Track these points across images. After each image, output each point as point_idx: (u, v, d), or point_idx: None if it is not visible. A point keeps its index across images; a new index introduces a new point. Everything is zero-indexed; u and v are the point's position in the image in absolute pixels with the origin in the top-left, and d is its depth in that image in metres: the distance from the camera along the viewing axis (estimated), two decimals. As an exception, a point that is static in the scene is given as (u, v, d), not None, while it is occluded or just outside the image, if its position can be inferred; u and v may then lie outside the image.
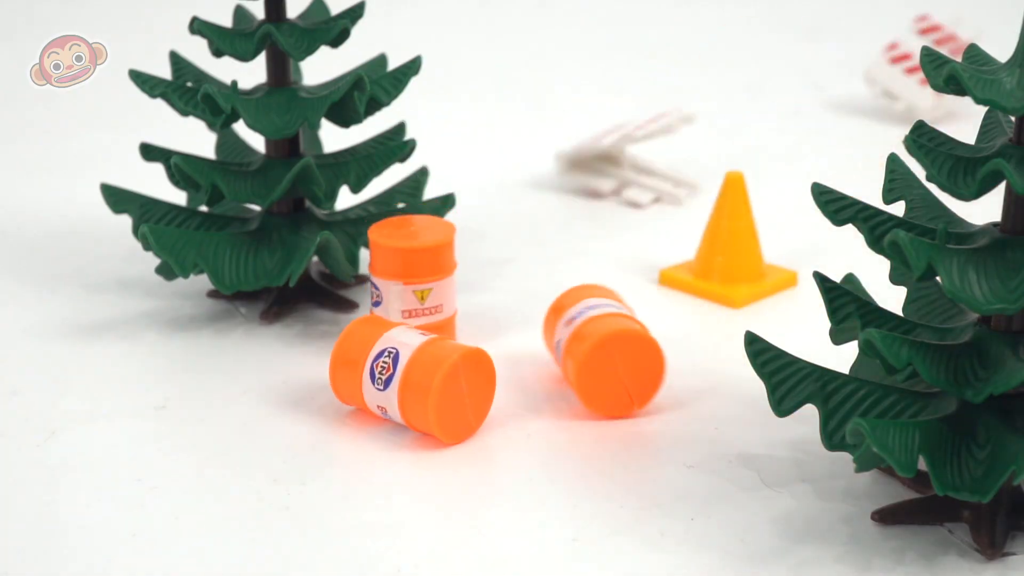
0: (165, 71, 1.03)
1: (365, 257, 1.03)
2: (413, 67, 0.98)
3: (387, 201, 1.05)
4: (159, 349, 0.94)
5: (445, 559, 0.72)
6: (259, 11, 1.00)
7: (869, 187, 0.86)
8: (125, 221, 1.10)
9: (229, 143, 1.07)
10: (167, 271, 0.99)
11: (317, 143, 1.08)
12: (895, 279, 0.80)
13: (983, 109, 0.73)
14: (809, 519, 0.75)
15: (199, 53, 1.03)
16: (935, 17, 1.50)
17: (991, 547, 0.71)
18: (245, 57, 0.94)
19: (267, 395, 0.88)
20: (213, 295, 1.01)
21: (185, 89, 0.95)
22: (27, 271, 1.07)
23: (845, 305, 0.75)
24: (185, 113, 0.95)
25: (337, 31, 0.94)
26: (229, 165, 0.98)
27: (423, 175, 1.07)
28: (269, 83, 0.97)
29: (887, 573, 0.70)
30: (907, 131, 0.72)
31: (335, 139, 1.11)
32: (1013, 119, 0.71)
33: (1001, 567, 0.71)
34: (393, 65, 1.01)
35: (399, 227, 0.93)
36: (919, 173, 0.76)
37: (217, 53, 0.95)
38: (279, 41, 0.93)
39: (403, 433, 0.83)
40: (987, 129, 0.73)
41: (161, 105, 1.00)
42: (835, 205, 0.73)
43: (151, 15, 1.82)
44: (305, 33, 0.95)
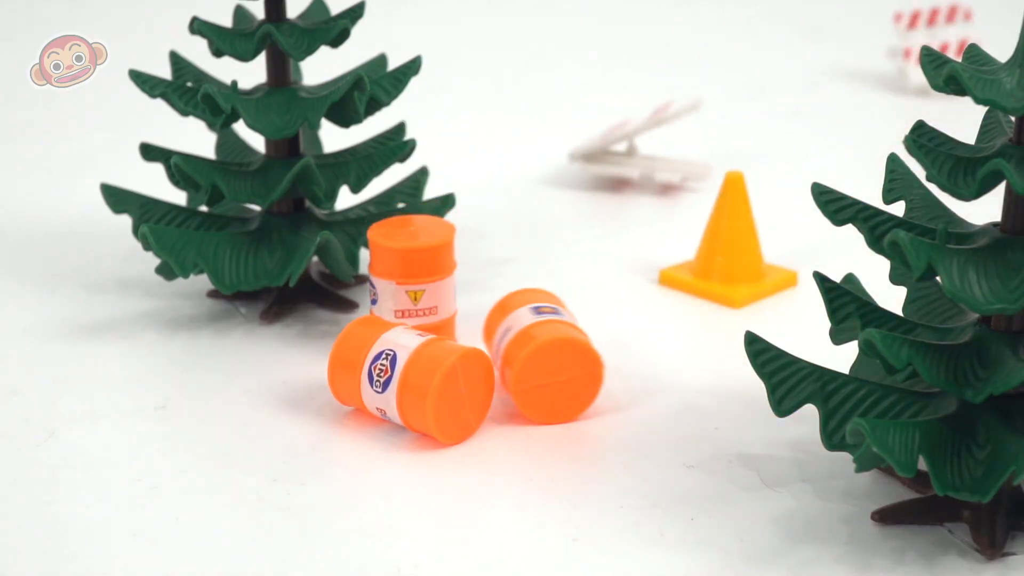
0: (165, 71, 1.03)
1: (365, 257, 1.03)
2: (413, 67, 0.98)
3: (387, 201, 1.05)
4: (159, 349, 0.94)
5: (445, 559, 0.72)
6: (259, 11, 1.00)
7: (869, 187, 0.86)
8: (125, 221, 1.10)
9: (229, 143, 1.07)
10: (167, 271, 0.99)
11: (317, 143, 1.08)
12: (895, 279, 0.80)
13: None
14: (809, 519, 0.75)
15: (199, 53, 1.03)
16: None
17: (991, 547, 0.71)
18: (245, 57, 0.94)
19: (267, 395, 0.88)
20: (213, 295, 1.01)
21: (185, 89, 0.95)
22: (27, 271, 1.07)
23: (845, 305, 0.75)
24: (185, 113, 0.95)
25: (337, 31, 0.94)
26: (229, 165, 0.98)
27: (423, 175, 1.07)
28: (269, 83, 0.97)
29: (887, 573, 0.70)
30: (907, 131, 0.72)
31: (335, 139, 1.11)
32: (1013, 119, 0.71)
33: (1001, 567, 0.71)
34: (393, 65, 1.01)
35: (399, 227, 0.92)
36: (919, 173, 0.76)
37: (217, 53, 0.95)
38: (279, 41, 0.93)
39: (403, 433, 0.83)
40: (987, 129, 0.73)
41: (161, 105, 1.00)
42: (835, 205, 0.73)
43: (151, 15, 1.82)
44: (305, 33, 0.95)
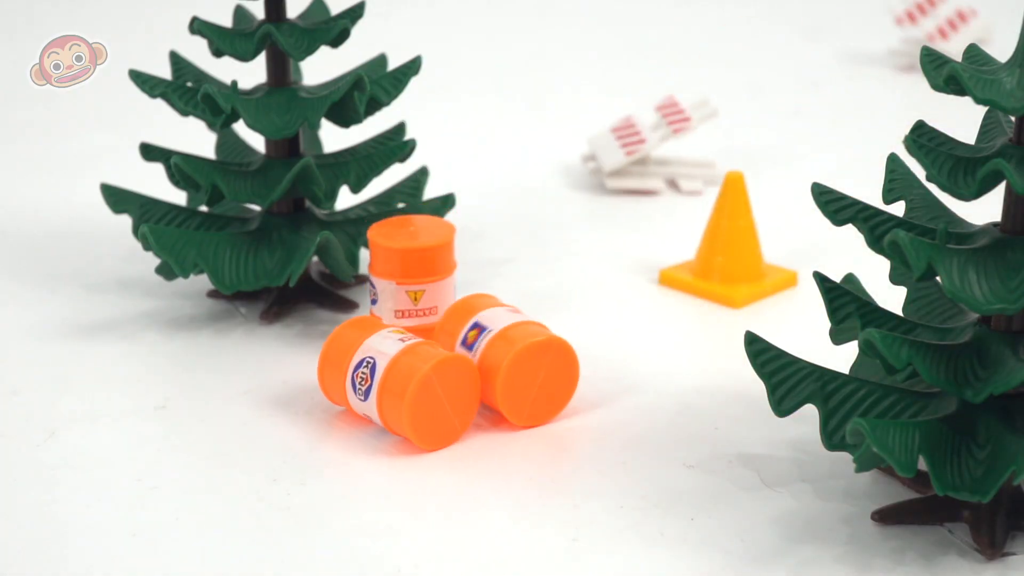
0: (165, 71, 1.03)
1: (365, 257, 1.03)
2: (413, 67, 0.98)
3: (387, 201, 1.05)
4: (159, 349, 0.94)
5: (445, 559, 0.72)
6: (259, 11, 1.00)
7: (869, 187, 0.86)
8: (125, 221, 1.10)
9: (229, 143, 1.07)
10: (167, 271, 0.99)
11: (317, 143, 1.08)
12: (895, 279, 0.80)
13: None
14: (809, 519, 0.75)
15: (199, 53, 1.03)
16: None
17: (991, 547, 0.71)
18: (245, 57, 0.94)
19: (267, 395, 0.88)
20: (213, 295, 1.01)
21: (185, 89, 0.95)
22: (27, 271, 1.07)
23: (845, 305, 0.75)
24: (185, 113, 0.95)
25: (337, 31, 0.94)
26: (229, 165, 0.98)
27: (423, 175, 1.07)
28: (269, 83, 0.97)
29: (887, 573, 0.70)
30: (907, 131, 0.72)
31: (335, 139, 1.11)
32: (1013, 119, 0.71)
33: (1001, 567, 0.71)
34: (393, 65, 1.01)
35: (399, 227, 0.92)
36: (919, 173, 0.76)
37: (217, 53, 0.95)
38: (279, 41, 0.93)
39: (403, 433, 0.83)
40: (987, 129, 0.73)
41: (161, 105, 1.00)
42: (835, 205, 0.73)
43: (151, 15, 1.82)
44: (305, 33, 0.95)
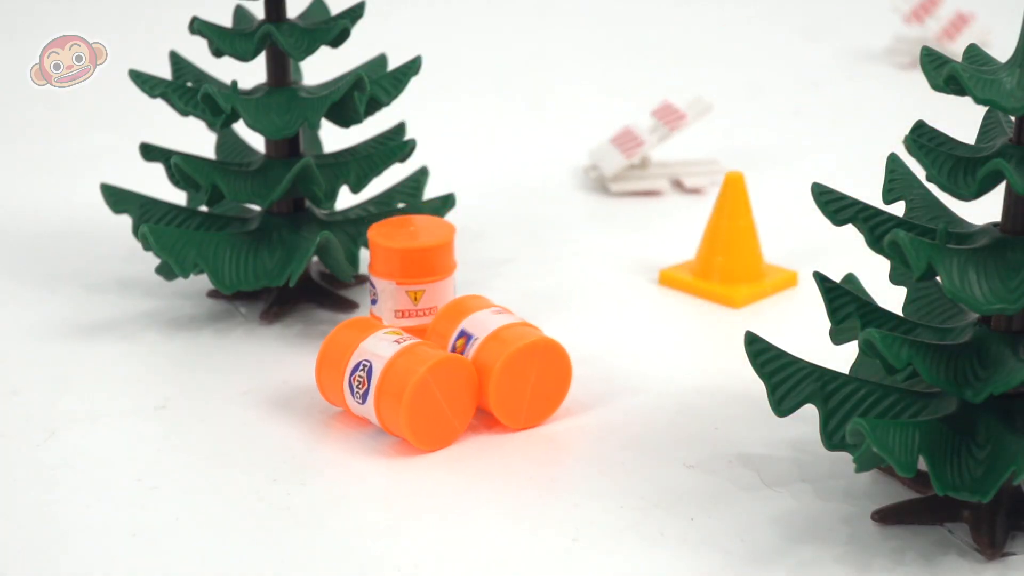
0: (165, 71, 1.03)
1: (365, 257, 1.03)
2: (413, 67, 0.98)
3: (387, 201, 1.05)
4: (159, 349, 0.94)
5: (445, 559, 0.72)
6: (259, 11, 1.00)
7: (869, 187, 0.86)
8: (125, 221, 1.10)
9: (229, 143, 1.07)
10: (167, 271, 0.99)
11: (317, 143, 1.08)
12: (895, 279, 0.80)
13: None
14: (809, 519, 0.75)
15: (199, 53, 1.03)
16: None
17: (991, 547, 0.71)
18: (245, 57, 0.94)
19: (267, 395, 0.88)
20: (213, 295, 1.01)
21: (185, 89, 0.95)
22: (27, 271, 1.07)
23: (845, 305, 0.75)
24: (185, 113, 0.95)
25: (337, 31, 0.94)
26: (229, 165, 0.98)
27: (423, 175, 1.07)
28: (269, 83, 0.97)
29: (887, 573, 0.70)
30: (907, 131, 0.72)
31: (335, 139, 1.11)
32: (1013, 119, 0.71)
33: (1001, 567, 0.71)
34: (393, 65, 1.01)
35: (399, 227, 0.92)
36: (919, 173, 0.76)
37: (217, 53, 0.95)
38: (279, 41, 0.93)
39: (403, 433, 0.83)
40: (987, 129, 0.73)
41: (161, 105, 1.00)
42: (835, 205, 0.73)
43: (151, 15, 1.82)
44: (305, 33, 0.95)
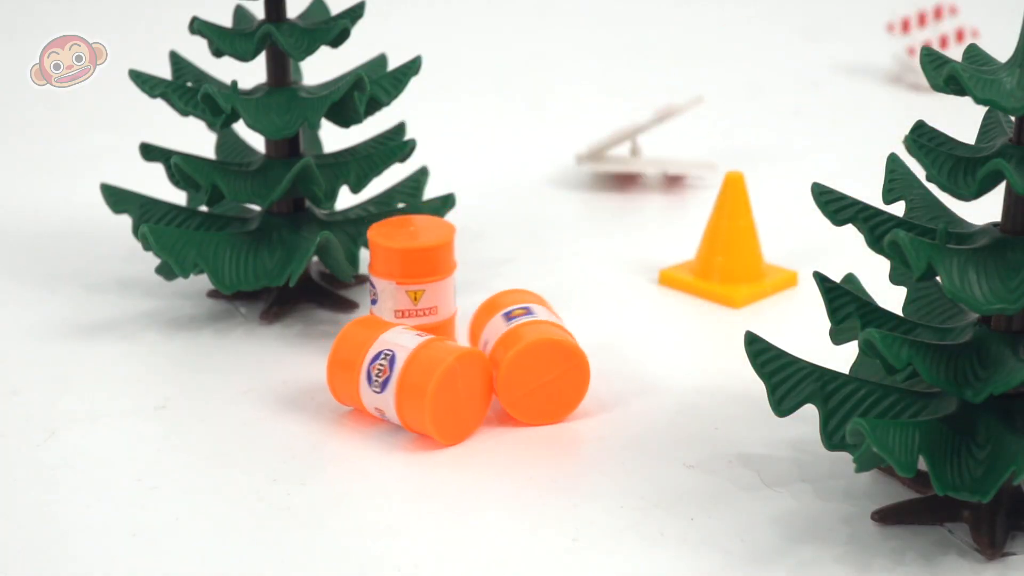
0: (165, 71, 1.03)
1: (365, 257, 1.03)
2: (413, 67, 0.98)
3: (387, 201, 1.05)
4: (159, 349, 0.94)
5: (445, 559, 0.72)
6: (259, 11, 1.00)
7: (869, 187, 0.86)
8: (125, 221, 1.10)
9: (229, 143, 1.07)
10: (167, 271, 0.99)
11: (317, 143, 1.08)
12: (895, 279, 0.80)
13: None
14: (809, 519, 0.75)
15: (199, 53, 1.03)
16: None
17: (991, 547, 0.71)
18: (245, 57, 0.94)
19: (267, 395, 0.88)
20: (213, 295, 1.01)
21: (185, 89, 0.95)
22: (27, 271, 1.07)
23: (845, 305, 0.75)
24: (185, 113, 0.95)
25: (337, 31, 0.94)
26: (229, 165, 0.98)
27: (423, 175, 1.07)
28: (269, 83, 0.97)
29: (887, 573, 0.70)
30: (907, 131, 0.72)
31: (335, 139, 1.11)
32: (1013, 119, 0.71)
33: (1001, 567, 0.71)
34: (393, 65, 1.01)
35: (399, 227, 0.92)
36: (919, 173, 0.76)
37: (217, 53, 0.95)
38: (279, 41, 0.93)
39: (402, 433, 0.83)
40: (987, 129, 0.73)
41: (161, 105, 1.00)
42: (835, 205, 0.73)
43: (151, 15, 1.82)
44: (305, 33, 0.95)
